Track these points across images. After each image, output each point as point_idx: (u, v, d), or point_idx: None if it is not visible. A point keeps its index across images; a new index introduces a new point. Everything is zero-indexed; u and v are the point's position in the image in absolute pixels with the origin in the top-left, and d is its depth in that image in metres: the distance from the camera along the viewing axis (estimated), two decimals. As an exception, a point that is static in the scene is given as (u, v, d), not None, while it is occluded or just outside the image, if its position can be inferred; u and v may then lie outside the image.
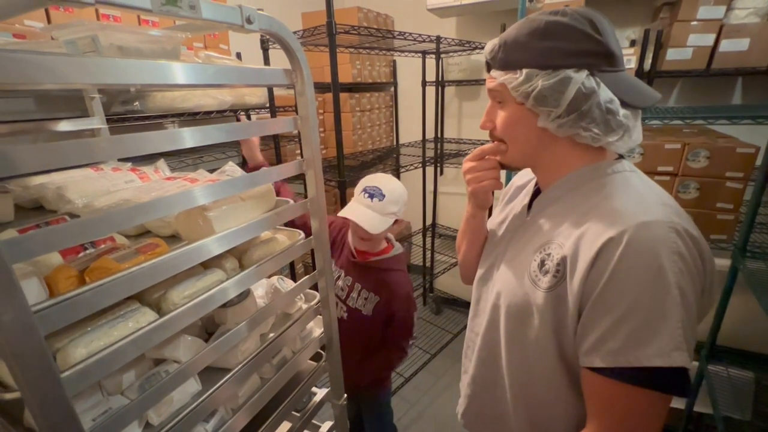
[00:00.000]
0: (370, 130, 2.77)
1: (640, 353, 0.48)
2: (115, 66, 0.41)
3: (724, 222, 1.36)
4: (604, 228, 0.51)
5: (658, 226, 0.50)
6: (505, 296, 0.65)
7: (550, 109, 0.54)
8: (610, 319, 0.50)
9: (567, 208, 0.60)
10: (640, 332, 0.49)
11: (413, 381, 2.22)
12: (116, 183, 0.88)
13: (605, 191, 0.57)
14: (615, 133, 0.54)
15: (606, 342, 0.51)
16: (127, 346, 0.48)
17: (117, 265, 0.49)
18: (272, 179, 0.70)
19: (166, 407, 0.60)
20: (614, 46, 0.54)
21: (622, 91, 0.54)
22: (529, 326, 0.61)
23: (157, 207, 0.48)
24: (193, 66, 0.49)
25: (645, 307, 0.48)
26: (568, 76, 0.52)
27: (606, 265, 0.50)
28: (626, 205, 0.53)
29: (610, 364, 0.51)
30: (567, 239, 0.56)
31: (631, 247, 0.49)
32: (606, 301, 0.50)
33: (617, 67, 0.55)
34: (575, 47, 0.52)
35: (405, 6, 2.82)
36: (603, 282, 0.50)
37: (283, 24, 0.60)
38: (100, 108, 1.03)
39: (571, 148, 0.60)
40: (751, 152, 1.28)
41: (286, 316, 0.89)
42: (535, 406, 0.66)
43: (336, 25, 1.30)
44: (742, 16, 1.71)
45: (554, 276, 0.56)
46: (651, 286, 0.48)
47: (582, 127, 0.54)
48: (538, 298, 0.58)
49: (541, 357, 0.61)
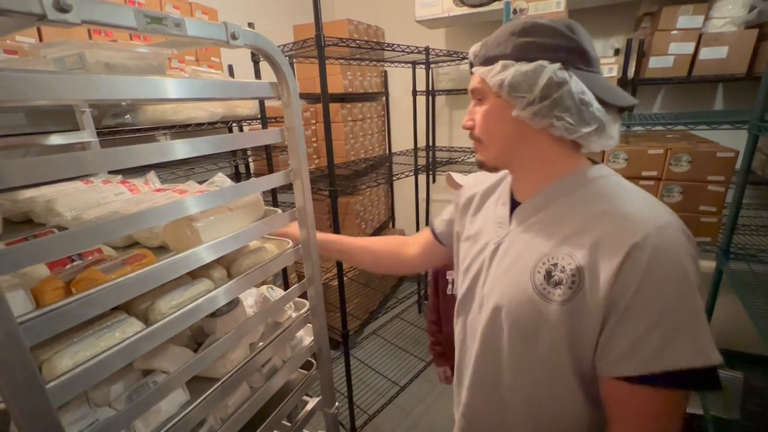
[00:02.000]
0: (363, 140, 2.79)
1: (675, 356, 0.49)
2: (102, 82, 0.42)
3: (707, 225, 1.39)
4: (624, 233, 0.51)
5: (674, 230, 0.51)
6: (509, 314, 0.61)
7: (524, 95, 0.55)
8: (642, 327, 0.50)
9: (560, 216, 0.59)
10: (673, 336, 0.49)
11: (408, 389, 2.21)
12: (106, 195, 0.88)
13: (605, 196, 0.57)
14: (588, 125, 0.55)
15: (638, 349, 0.51)
16: (114, 357, 0.48)
17: (103, 276, 0.49)
18: (260, 189, 0.71)
19: (153, 418, 0.60)
20: (588, 47, 0.56)
21: (596, 88, 0.55)
22: (538, 342, 0.58)
23: (142, 218, 0.49)
24: (179, 81, 0.50)
25: (676, 312, 0.49)
26: (541, 65, 0.54)
27: (635, 273, 0.50)
28: (637, 210, 0.54)
29: (645, 371, 0.50)
30: (577, 248, 0.54)
31: (657, 252, 0.49)
32: (637, 308, 0.50)
33: (592, 68, 0.57)
34: (550, 42, 0.55)
35: (395, 18, 2.87)
36: (633, 289, 0.50)
37: (268, 39, 0.62)
38: (90, 122, 1.04)
39: (549, 144, 0.60)
40: (731, 156, 1.31)
41: (276, 326, 0.89)
42: (545, 423, 0.64)
43: (325, 38, 1.33)
44: (720, 25, 1.77)
45: (570, 288, 0.54)
46: (680, 291, 0.49)
47: (555, 115, 0.55)
48: (552, 312, 0.56)
49: (551, 371, 0.59)
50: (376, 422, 1.99)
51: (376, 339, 2.65)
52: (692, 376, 0.49)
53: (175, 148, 0.55)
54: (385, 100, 3.10)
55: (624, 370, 0.52)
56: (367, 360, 2.44)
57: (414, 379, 2.28)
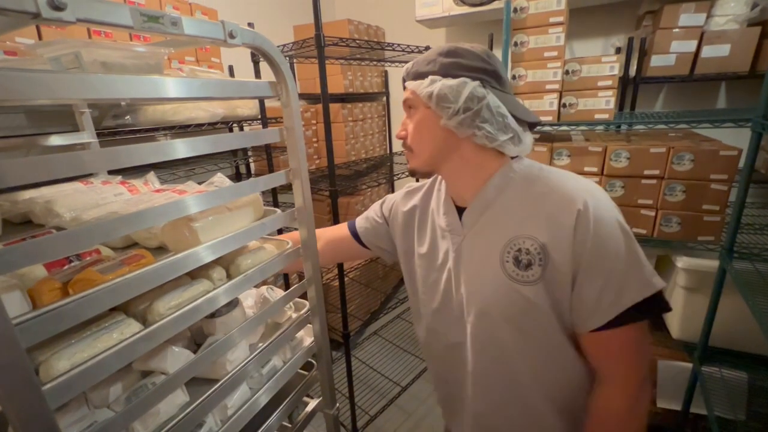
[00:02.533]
0: (363, 140, 2.79)
1: (631, 295, 0.58)
2: (98, 81, 0.42)
3: (710, 224, 1.38)
4: (567, 204, 0.60)
5: (599, 192, 0.63)
6: (496, 309, 0.66)
7: (450, 105, 0.63)
8: (602, 279, 0.59)
9: (506, 208, 0.67)
10: (625, 279, 0.58)
11: (410, 390, 2.20)
12: (105, 196, 0.88)
13: (536, 180, 0.66)
14: (506, 134, 0.64)
15: (602, 300, 0.59)
16: (111, 358, 0.48)
17: (101, 276, 0.49)
18: (258, 189, 0.70)
19: (152, 419, 0.60)
20: (501, 71, 0.66)
21: (510, 105, 0.65)
22: (530, 324, 0.64)
23: (140, 218, 0.49)
24: (176, 80, 0.50)
25: (623, 259, 0.59)
26: (464, 81, 0.63)
27: (586, 233, 0.59)
28: (569, 184, 0.64)
29: (611, 316, 0.58)
30: (534, 229, 0.62)
31: (597, 213, 0.59)
32: (594, 265, 0.59)
33: (504, 88, 0.67)
34: (471, 64, 0.64)
35: (395, 18, 2.87)
36: (588, 247, 0.58)
37: (266, 38, 0.62)
38: (90, 122, 1.04)
39: (474, 151, 0.67)
40: (734, 154, 1.30)
41: (276, 326, 0.89)
42: (561, 394, 0.69)
43: (324, 38, 1.33)
44: (722, 23, 1.76)
45: (540, 265, 0.61)
46: (621, 240, 0.59)
47: (477, 126, 0.63)
48: (531, 292, 0.62)
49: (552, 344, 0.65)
50: (377, 423, 1.98)
51: (378, 339, 2.65)
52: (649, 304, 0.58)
53: (174, 148, 0.54)
54: (386, 100, 3.10)
55: (597, 322, 0.60)
56: (368, 360, 2.43)
57: (416, 379, 2.27)
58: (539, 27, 1.53)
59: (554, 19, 1.49)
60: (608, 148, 1.47)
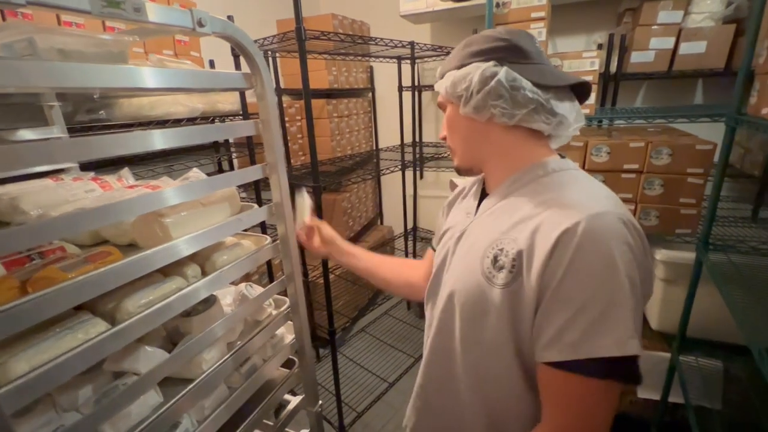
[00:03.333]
0: (349, 136, 2.77)
1: (596, 344, 0.49)
2: (52, 68, 0.40)
3: (687, 216, 1.41)
4: (559, 219, 0.52)
5: (609, 217, 0.51)
6: (459, 297, 0.64)
7: (462, 93, 0.62)
8: (568, 312, 0.51)
9: (515, 204, 0.61)
10: (596, 324, 0.49)
11: (397, 386, 2.20)
12: (76, 193, 0.85)
13: (556, 186, 0.59)
14: (523, 107, 0.59)
15: (564, 335, 0.51)
16: (75, 359, 0.46)
17: (62, 274, 0.47)
18: (233, 183, 0.69)
19: (123, 421, 0.58)
20: (523, 44, 0.62)
21: (534, 74, 0.60)
22: (485, 325, 0.60)
23: (104, 213, 0.47)
24: (141, 69, 0.48)
25: (600, 299, 0.50)
26: (475, 66, 0.61)
27: (563, 257, 0.51)
28: (578, 198, 0.55)
29: (568, 357, 0.51)
30: (521, 233, 0.56)
31: (585, 238, 0.50)
32: (563, 294, 0.51)
33: (530, 60, 0.61)
34: (482, 47, 0.62)
35: (380, 13, 2.85)
36: (560, 274, 0.51)
37: (238, 27, 0.60)
38: (60, 117, 1.00)
39: (503, 136, 0.64)
40: (709, 149, 1.33)
41: (256, 324, 0.87)
42: (493, 409, 0.65)
43: (306, 31, 1.31)
44: (699, 20, 1.79)
45: (510, 272, 0.55)
46: (605, 278, 0.49)
47: (491, 104, 0.60)
48: (495, 295, 0.57)
49: (497, 356, 0.60)
50: (364, 420, 1.98)
51: (365, 336, 2.64)
52: (614, 365, 0.50)
53: (148, 139, 0.53)
54: (372, 96, 3.08)
55: (550, 356, 0.53)
56: (355, 357, 2.42)
57: (403, 375, 2.28)
58: (521, 22, 1.54)
59: (536, 14, 1.50)
60: (589, 143, 1.48)
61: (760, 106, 1.10)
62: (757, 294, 1.11)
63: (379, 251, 2.96)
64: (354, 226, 2.83)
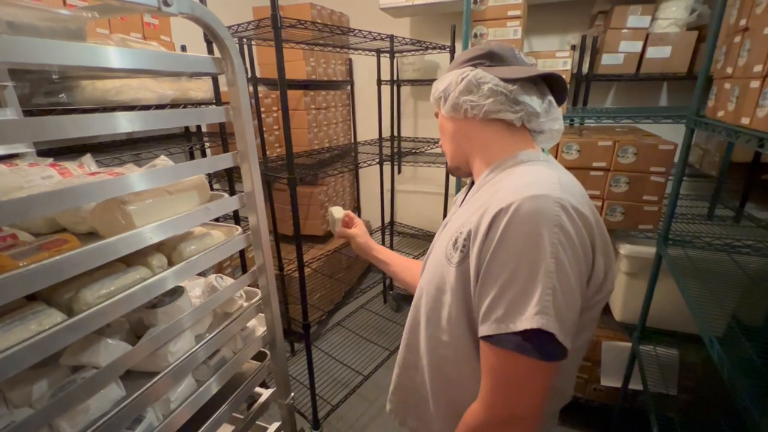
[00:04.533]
0: (327, 128, 2.74)
1: (516, 319, 0.51)
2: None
3: (650, 213, 1.48)
4: (500, 200, 0.55)
5: (544, 200, 0.52)
6: (426, 277, 0.69)
7: (441, 94, 0.69)
8: (496, 288, 0.53)
9: (481, 193, 0.66)
10: (517, 299, 0.52)
11: (372, 378, 2.22)
12: (31, 179, 0.80)
13: (516, 174, 0.62)
14: (489, 98, 0.64)
15: (493, 310, 0.54)
16: (26, 351, 0.44)
17: (12, 262, 0.44)
18: (201, 171, 0.67)
19: (81, 416, 0.56)
20: (497, 49, 0.67)
21: (503, 73, 0.65)
22: (443, 304, 0.64)
23: (58, 198, 0.44)
24: (100, 47, 0.46)
25: (523, 275, 0.51)
26: (451, 73, 0.68)
27: (494, 236, 0.53)
28: (523, 183, 0.56)
29: (494, 332, 0.53)
30: (474, 217, 0.59)
31: (514, 217, 0.52)
32: (491, 271, 0.54)
33: (503, 63, 0.67)
34: (461, 59, 0.69)
35: (360, 5, 2.82)
36: (491, 252, 0.53)
37: (208, 9, 0.58)
38: (14, 98, 0.94)
39: (478, 128, 0.68)
40: (670, 148, 1.40)
41: (226, 316, 0.85)
42: (451, 386, 0.68)
43: (282, 19, 1.27)
44: (665, 26, 1.87)
45: (461, 251, 0.59)
46: (528, 254, 0.51)
47: (463, 100, 0.65)
48: (450, 274, 0.61)
49: (453, 334, 0.64)
50: (339, 412, 1.99)
51: (341, 330, 2.64)
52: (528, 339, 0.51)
53: (110, 122, 0.51)
54: (350, 89, 3.05)
55: (482, 330, 0.55)
56: (331, 351, 2.42)
57: (378, 368, 2.29)
58: (498, 20, 1.56)
59: (512, 12, 1.52)
60: (560, 141, 1.53)
61: (717, 109, 1.16)
62: (710, 286, 1.18)
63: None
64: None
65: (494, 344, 0.54)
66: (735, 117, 1.02)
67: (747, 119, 0.94)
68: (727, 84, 1.11)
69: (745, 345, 0.96)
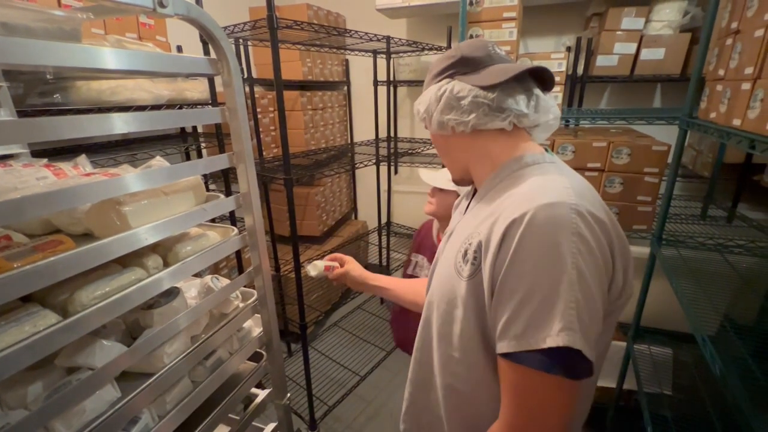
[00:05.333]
0: (323, 129, 2.74)
1: (537, 336, 0.48)
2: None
3: (644, 213, 1.49)
4: (511, 211, 0.52)
5: (559, 207, 0.50)
6: (436, 291, 0.65)
7: (424, 115, 0.67)
8: (514, 303, 0.50)
9: (489, 200, 0.62)
10: (538, 314, 0.49)
11: (369, 379, 2.22)
12: (26, 180, 0.79)
13: (521, 180, 0.58)
14: (472, 113, 0.61)
15: (511, 326, 0.51)
16: (21, 352, 0.44)
17: (6, 263, 0.44)
18: (197, 172, 0.67)
19: (77, 418, 0.56)
20: (468, 53, 0.63)
21: (477, 80, 0.61)
22: (455, 319, 0.61)
23: (52, 199, 0.44)
24: (95, 49, 0.46)
25: (542, 289, 0.48)
26: (429, 90, 0.66)
27: (509, 248, 0.50)
28: (535, 189, 0.54)
29: (514, 349, 0.50)
30: (484, 227, 0.57)
31: (530, 227, 0.49)
32: (508, 285, 0.51)
33: (478, 66, 0.63)
34: (439, 68, 0.66)
35: (356, 6, 2.82)
36: (506, 265, 0.51)
37: (203, 11, 0.58)
38: (8, 98, 0.94)
39: (470, 141, 0.66)
40: (664, 150, 1.41)
41: (222, 317, 0.85)
42: (466, 405, 0.65)
43: (278, 19, 1.28)
44: (658, 28, 1.89)
45: (473, 263, 0.56)
46: (546, 267, 0.48)
47: (446, 119, 0.63)
48: (461, 288, 0.58)
49: (466, 351, 0.60)
50: (336, 413, 1.99)
51: (338, 330, 2.64)
52: (553, 357, 0.48)
53: (106, 123, 0.51)
54: (347, 90, 3.06)
55: (501, 347, 0.52)
56: (328, 352, 2.42)
57: (374, 368, 2.29)
58: (493, 21, 1.57)
59: (507, 14, 1.53)
60: (555, 142, 1.54)
61: (709, 110, 1.18)
62: (703, 286, 1.19)
63: (353, 245, 2.97)
64: (328, 220, 2.81)
65: (515, 362, 0.51)
66: (727, 118, 1.03)
67: (738, 121, 0.96)
68: (719, 86, 1.12)
69: (737, 344, 0.97)
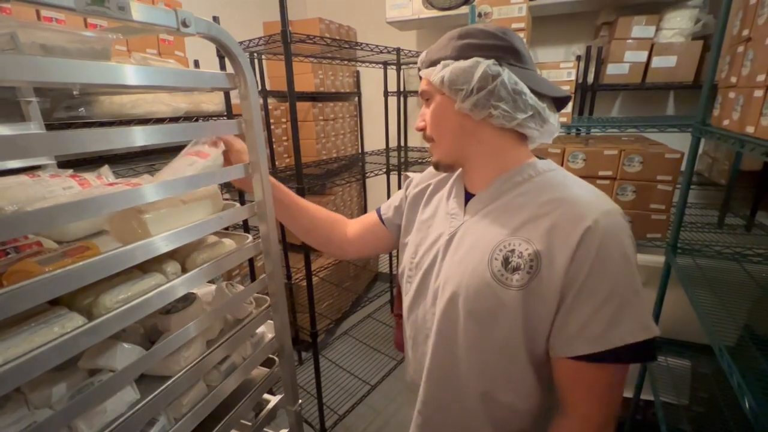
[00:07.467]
0: (335, 139, 2.78)
1: (622, 332, 0.54)
2: (34, 63, 0.40)
3: (657, 222, 1.47)
4: (577, 218, 0.55)
5: (616, 214, 0.56)
6: (466, 301, 0.62)
7: (462, 87, 0.60)
8: (592, 307, 0.54)
9: (514, 205, 0.62)
10: (619, 313, 0.54)
11: (379, 388, 2.21)
12: (53, 189, 0.84)
13: (555, 186, 0.61)
14: (524, 112, 0.60)
15: (589, 328, 0.55)
16: (50, 352, 0.46)
17: (39, 267, 0.47)
18: (215, 181, 0.70)
19: (98, 418, 0.58)
20: (519, 46, 0.62)
21: (529, 81, 0.60)
22: (494, 328, 0.60)
23: (79, 208, 0.47)
24: (125, 66, 0.49)
25: (621, 290, 0.54)
26: (477, 61, 0.59)
27: (587, 255, 0.54)
28: (583, 196, 0.59)
29: (596, 349, 0.54)
30: (534, 234, 0.58)
31: (606, 235, 0.54)
32: (588, 289, 0.54)
33: (524, 64, 0.62)
34: (484, 42, 0.60)
35: (367, 19, 2.89)
36: (586, 271, 0.54)
37: (222, 28, 0.61)
38: (37, 113, 0.99)
39: (493, 136, 0.64)
40: (677, 157, 1.40)
41: (237, 322, 0.87)
42: (500, 415, 0.65)
43: (291, 34, 1.32)
44: (669, 36, 1.88)
45: (528, 272, 0.57)
46: (624, 270, 0.54)
47: (492, 105, 0.59)
48: (510, 297, 0.58)
49: (506, 357, 0.61)
50: (346, 422, 1.98)
51: (348, 339, 2.64)
52: (635, 348, 0.54)
53: (128, 135, 0.53)
54: (358, 100, 3.11)
55: (576, 350, 0.56)
56: (338, 360, 2.42)
57: (385, 377, 2.28)
58: (502, 32, 1.59)
59: (516, 25, 1.55)
60: (566, 150, 1.54)
61: (722, 117, 1.17)
62: (720, 295, 1.17)
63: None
64: (338, 229, 2.83)
65: (597, 361, 0.55)
66: (740, 126, 1.02)
67: (752, 128, 0.95)
68: (731, 93, 1.12)
69: (756, 355, 0.95)
